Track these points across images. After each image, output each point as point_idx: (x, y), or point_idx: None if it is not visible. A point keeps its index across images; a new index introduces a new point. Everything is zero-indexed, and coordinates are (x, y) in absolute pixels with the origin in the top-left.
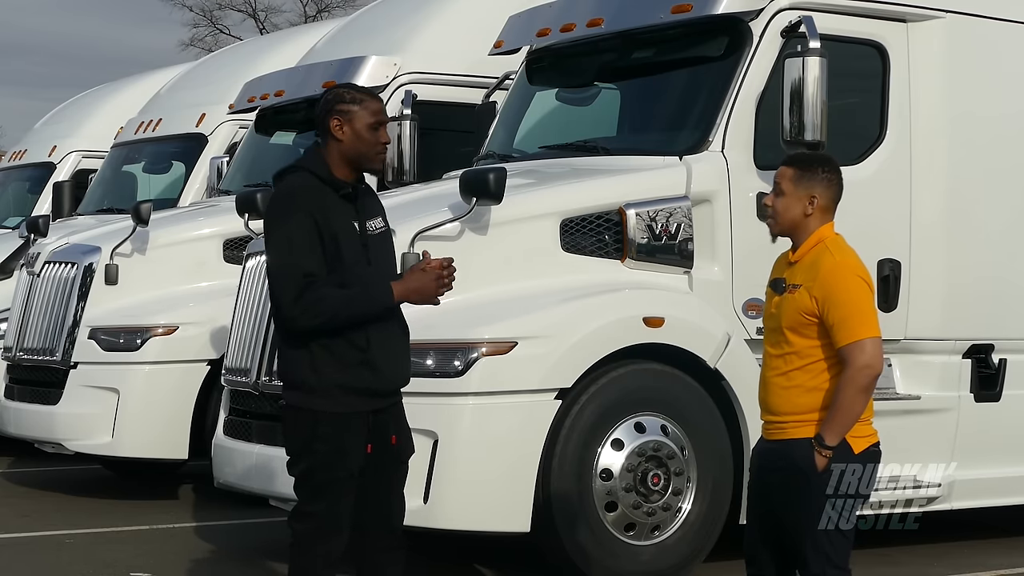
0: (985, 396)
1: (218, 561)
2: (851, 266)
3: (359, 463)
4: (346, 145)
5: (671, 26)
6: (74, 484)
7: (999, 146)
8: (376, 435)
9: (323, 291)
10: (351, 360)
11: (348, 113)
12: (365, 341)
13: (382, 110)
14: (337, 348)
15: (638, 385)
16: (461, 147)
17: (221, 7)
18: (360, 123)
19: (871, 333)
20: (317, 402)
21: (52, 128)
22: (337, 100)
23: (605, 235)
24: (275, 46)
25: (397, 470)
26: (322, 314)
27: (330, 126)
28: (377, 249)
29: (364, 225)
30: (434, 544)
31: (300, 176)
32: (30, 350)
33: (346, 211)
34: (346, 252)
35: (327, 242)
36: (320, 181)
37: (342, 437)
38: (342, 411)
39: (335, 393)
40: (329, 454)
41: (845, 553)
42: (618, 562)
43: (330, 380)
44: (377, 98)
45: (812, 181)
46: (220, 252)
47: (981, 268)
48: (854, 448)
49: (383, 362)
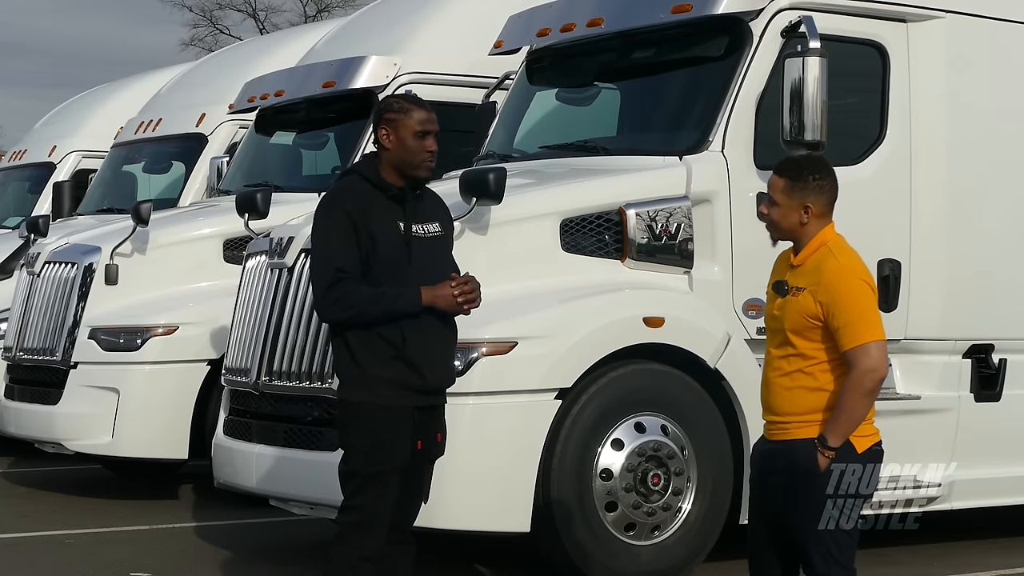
0: (985, 396)
1: (218, 561)
2: (855, 270)
3: (403, 458)
4: (393, 153)
5: (671, 26)
6: (74, 484)
7: (999, 146)
8: (423, 432)
9: (351, 287)
10: (385, 354)
11: (395, 122)
12: (400, 337)
13: (429, 119)
14: (373, 342)
15: (638, 385)
16: (461, 147)
17: (221, 7)
18: (406, 132)
19: (876, 337)
20: (358, 393)
21: (52, 128)
22: (386, 109)
23: (605, 235)
24: (275, 46)
25: (427, 469)
26: (349, 308)
27: (379, 135)
28: (424, 251)
29: (410, 226)
30: (436, 544)
31: (349, 179)
32: (30, 350)
33: (392, 212)
34: (383, 250)
35: (363, 240)
36: (369, 183)
37: (383, 430)
38: (382, 403)
39: (375, 385)
40: (370, 447)
41: (850, 553)
42: (618, 562)
43: (370, 372)
44: (425, 107)
45: (804, 190)
46: (220, 252)
47: (981, 268)
48: (857, 448)
49: (419, 359)
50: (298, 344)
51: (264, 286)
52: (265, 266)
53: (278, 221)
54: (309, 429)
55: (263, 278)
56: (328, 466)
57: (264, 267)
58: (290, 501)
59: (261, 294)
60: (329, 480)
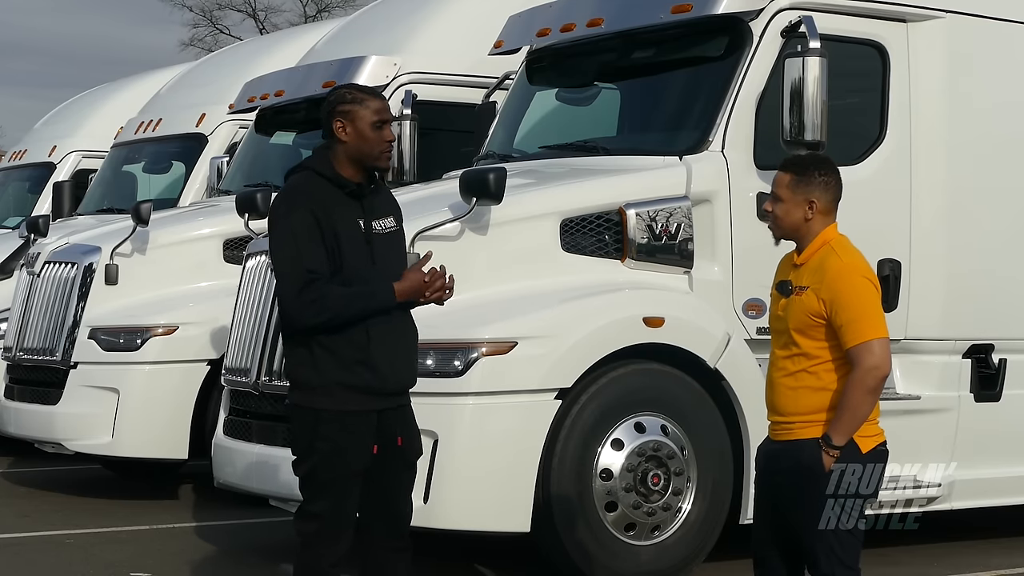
0: (985, 396)
1: (218, 561)
2: (858, 268)
3: (363, 463)
4: (350, 145)
5: (671, 26)
6: (74, 484)
7: (999, 146)
8: (382, 435)
9: (325, 288)
10: (350, 358)
11: (350, 113)
12: (365, 339)
13: (385, 108)
14: (336, 346)
15: (638, 385)
16: (461, 147)
17: (221, 7)
18: (363, 122)
19: (879, 334)
20: (318, 400)
21: (52, 128)
22: (339, 101)
23: (605, 235)
24: (275, 46)
25: (404, 471)
26: (324, 311)
27: (333, 127)
28: (384, 248)
29: (370, 224)
30: (436, 544)
31: (304, 175)
32: (30, 350)
33: (351, 209)
34: (347, 249)
35: (327, 239)
36: (325, 180)
37: (343, 436)
38: (343, 409)
39: (335, 391)
40: (331, 453)
41: (855, 553)
42: (618, 562)
43: (330, 378)
44: (380, 96)
45: (809, 185)
46: (220, 252)
47: (981, 268)
48: (861, 448)
49: (383, 361)
50: None
51: (264, 286)
52: (265, 266)
53: None
54: None
55: (263, 278)
56: None
57: (264, 267)
58: (290, 501)
59: (261, 294)
60: None
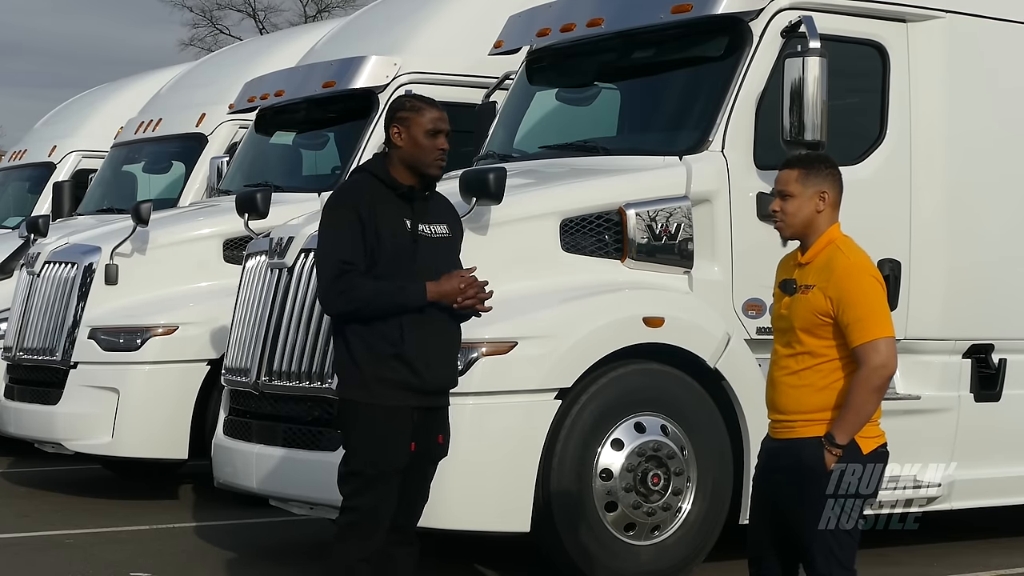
0: (985, 396)
1: (218, 561)
2: (864, 266)
3: (402, 459)
4: (404, 151)
5: (671, 26)
6: (74, 484)
7: (999, 146)
8: (421, 434)
9: (356, 279)
10: (384, 352)
11: (407, 120)
12: (398, 334)
13: (440, 118)
14: (372, 340)
15: (638, 385)
16: (461, 147)
17: (221, 7)
18: (418, 130)
19: (885, 333)
20: (356, 392)
21: (52, 128)
22: (398, 108)
23: (605, 235)
24: (275, 46)
25: (428, 466)
26: (353, 300)
27: (390, 133)
28: (430, 251)
29: (417, 225)
30: (435, 544)
31: (360, 176)
32: (30, 350)
33: (400, 209)
34: (388, 246)
35: (369, 236)
36: (378, 180)
37: (381, 429)
38: (379, 403)
39: (372, 384)
40: (369, 448)
41: (851, 553)
42: (618, 562)
43: (367, 371)
44: (436, 107)
45: (819, 177)
46: (220, 252)
47: (981, 268)
48: (863, 448)
49: (417, 357)
50: (298, 344)
51: (264, 286)
52: (265, 266)
53: (278, 221)
54: (309, 429)
55: (263, 278)
56: (328, 466)
57: (264, 267)
58: (290, 501)
59: (261, 294)
60: (329, 480)
